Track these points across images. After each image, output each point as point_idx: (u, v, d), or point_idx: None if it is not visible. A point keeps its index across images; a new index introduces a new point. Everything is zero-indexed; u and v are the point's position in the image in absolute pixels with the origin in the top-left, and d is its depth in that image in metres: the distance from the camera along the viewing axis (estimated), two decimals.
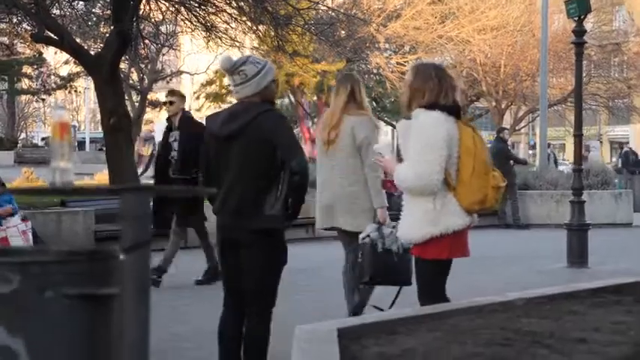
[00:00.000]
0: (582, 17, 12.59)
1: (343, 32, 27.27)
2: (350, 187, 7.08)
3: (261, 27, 18.37)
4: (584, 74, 31.67)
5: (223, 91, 36.85)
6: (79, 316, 2.04)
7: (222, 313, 5.51)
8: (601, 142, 62.37)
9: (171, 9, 18.49)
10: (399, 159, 5.38)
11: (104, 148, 19.79)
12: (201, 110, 56.45)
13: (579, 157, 13.12)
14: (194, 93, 52.14)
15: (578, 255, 12.29)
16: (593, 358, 3.40)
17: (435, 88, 5.19)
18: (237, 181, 5.20)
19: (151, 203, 5.81)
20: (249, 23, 18.25)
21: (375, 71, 34.90)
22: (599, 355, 3.45)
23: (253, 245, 5.18)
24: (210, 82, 38.79)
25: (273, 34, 18.11)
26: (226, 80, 36.67)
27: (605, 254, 13.27)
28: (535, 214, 19.16)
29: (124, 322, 2.08)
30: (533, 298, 4.57)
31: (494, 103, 41.09)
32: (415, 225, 5.15)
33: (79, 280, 2.02)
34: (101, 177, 23.01)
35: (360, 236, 6.86)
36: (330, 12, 24.61)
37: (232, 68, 5.25)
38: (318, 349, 3.39)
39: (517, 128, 46.30)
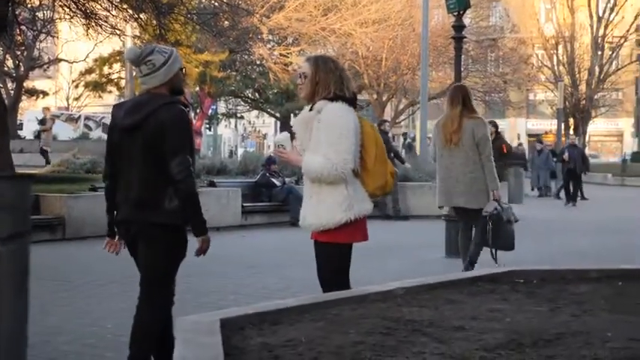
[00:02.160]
0: (461, 12, 12.89)
1: (226, 22, 27.16)
2: (471, 174, 9.15)
3: (142, 15, 18.12)
4: (462, 68, 32.42)
5: (103, 79, 36.19)
6: None
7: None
8: None
9: None
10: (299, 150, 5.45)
11: None
12: (80, 99, 55.55)
13: None
14: (73, 81, 51.11)
15: (456, 246, 12.52)
16: (471, 345, 3.48)
17: (337, 81, 5.34)
18: (138, 173, 5.18)
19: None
20: (130, 11, 17.98)
21: (258, 62, 34.90)
22: (476, 342, 3.53)
23: (152, 238, 5.21)
24: (89, 71, 38.06)
25: (155, 22, 17.89)
26: (106, 69, 36.19)
27: None
28: (415, 205, 19.50)
29: (1, 313, 2.03)
30: (412, 288, 4.65)
31: (375, 96, 41.65)
32: (329, 212, 5.30)
33: None
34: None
35: (486, 210, 9.21)
36: (213, 2, 24.49)
37: (138, 59, 5.22)
38: (201, 340, 3.38)
39: (398, 121, 47.03)
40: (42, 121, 30.70)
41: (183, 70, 5.45)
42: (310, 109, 5.41)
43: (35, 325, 7.33)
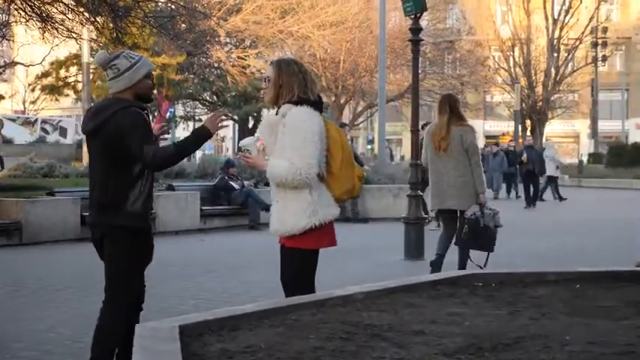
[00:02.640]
0: (418, 15, 12.92)
1: (184, 25, 26.98)
2: (461, 178, 9.59)
3: (99, 18, 17.94)
4: (420, 71, 32.44)
5: (60, 83, 35.82)
6: None
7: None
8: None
9: None
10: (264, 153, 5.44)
11: None
12: (36, 102, 54.97)
13: (416, 152, 13.45)
14: (29, 85, 50.55)
15: (415, 248, 12.60)
16: (430, 350, 3.49)
17: (301, 84, 5.32)
18: (99, 176, 5.28)
19: None
20: (86, 14, 17.78)
21: (215, 65, 34.75)
22: (435, 347, 3.54)
23: (114, 240, 5.27)
24: (46, 74, 37.63)
25: (111, 25, 17.72)
26: (62, 72, 35.82)
27: None
28: (374, 208, 19.55)
29: None
30: (372, 292, 4.65)
31: (333, 98, 41.69)
32: (294, 217, 5.26)
33: None
34: None
35: (467, 213, 9.55)
36: (170, 5, 24.32)
37: (105, 63, 5.30)
38: (160, 347, 3.35)
39: (356, 123, 47.12)
40: None
41: (151, 77, 5.45)
42: (276, 114, 5.40)
43: None
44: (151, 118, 36.58)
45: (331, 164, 5.34)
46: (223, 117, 5.44)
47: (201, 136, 5.33)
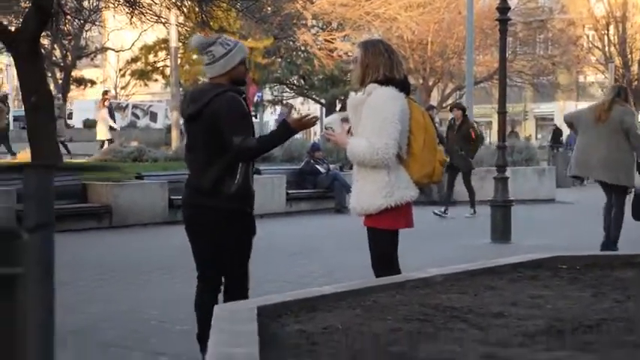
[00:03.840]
0: None
1: (269, 9, 27.15)
2: (619, 154, 10.14)
3: (186, 2, 18.17)
4: (509, 51, 31.91)
5: (149, 68, 36.38)
6: None
7: (197, 287, 5.65)
8: (526, 118, 63.34)
9: None
10: (350, 133, 5.46)
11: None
12: (127, 87, 55.98)
13: (503, 134, 13.28)
14: (120, 70, 51.48)
15: (501, 231, 12.46)
16: (510, 332, 3.43)
17: (387, 64, 5.33)
18: (199, 159, 5.37)
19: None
20: None
21: (302, 48, 34.84)
22: (515, 329, 3.47)
23: (213, 222, 5.34)
24: (135, 60, 38.29)
25: (197, 10, 17.93)
26: (151, 57, 36.37)
27: (527, 230, 13.47)
28: (461, 190, 19.34)
29: (28, 304, 2.03)
30: (452, 274, 4.60)
31: (421, 81, 41.39)
32: (370, 197, 5.30)
33: None
34: (24, 156, 22.59)
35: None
36: None
37: (201, 48, 5.41)
38: (238, 328, 3.36)
39: (444, 105, 46.72)
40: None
41: (245, 63, 5.53)
42: (363, 94, 5.42)
43: (81, 311, 7.44)
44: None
45: (413, 146, 5.34)
46: (313, 122, 5.44)
47: (285, 133, 5.39)
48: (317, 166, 18.42)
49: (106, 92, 30.39)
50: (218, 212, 5.31)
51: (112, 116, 28.82)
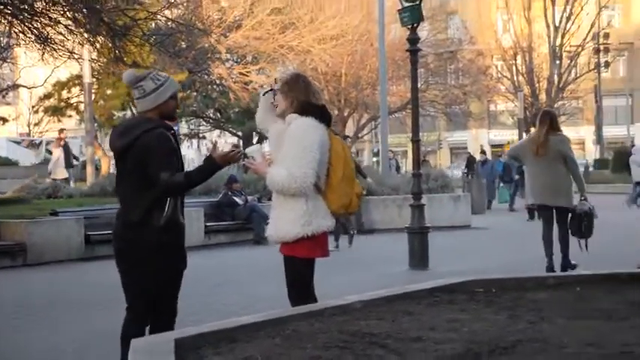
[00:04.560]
0: (415, 25, 12.93)
1: (183, 43, 27.02)
2: (558, 180, 10.92)
3: (98, 38, 17.98)
4: (421, 81, 32.44)
5: (62, 104, 35.88)
6: None
7: (124, 319, 5.59)
8: (441, 147, 64.27)
9: (3, 21, 17.88)
10: (271, 163, 5.51)
11: None
12: (40, 124, 55.13)
13: (418, 162, 13.45)
14: (33, 107, 50.66)
15: (419, 257, 12.58)
16: (428, 356, 3.47)
17: (302, 92, 5.46)
18: (128, 192, 5.41)
19: None
20: (85, 35, 17.82)
21: (217, 82, 34.79)
22: (433, 353, 3.52)
23: (142, 255, 5.35)
24: (48, 96, 37.71)
25: (111, 45, 17.76)
26: (65, 93, 35.93)
27: (444, 256, 13.62)
28: (379, 219, 19.53)
29: None
30: (370, 300, 4.64)
31: (336, 112, 41.65)
32: (287, 225, 5.37)
33: None
34: None
35: (581, 208, 11.01)
36: (169, 23, 24.35)
37: (132, 83, 5.46)
38: None
39: (360, 136, 47.11)
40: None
41: (176, 98, 5.57)
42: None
43: None
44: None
45: (331, 177, 5.41)
46: (237, 157, 5.47)
47: (211, 168, 5.41)
48: (235, 197, 18.37)
49: (61, 131, 30.19)
50: (147, 245, 5.33)
51: (68, 154, 28.70)
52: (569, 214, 11.13)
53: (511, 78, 52.42)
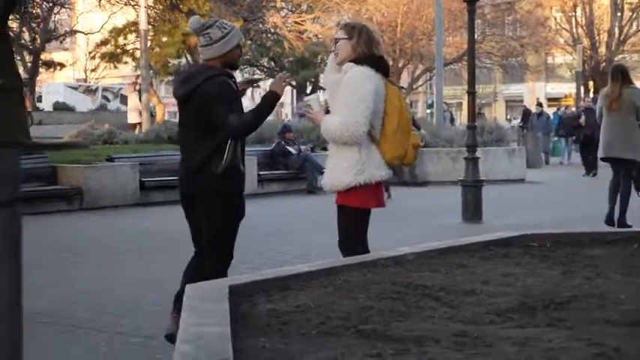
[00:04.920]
0: None
1: None
2: (629, 132, 11.06)
3: None
4: (478, 33, 32.01)
5: (119, 50, 36.05)
6: None
7: (190, 259, 5.84)
8: (496, 100, 63.60)
9: None
10: (328, 112, 5.53)
11: None
12: (97, 70, 55.56)
13: (473, 114, 13.32)
14: (89, 53, 50.98)
15: (472, 211, 12.51)
16: (481, 310, 3.44)
17: (366, 43, 5.40)
18: (189, 139, 5.53)
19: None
20: None
21: (272, 30, 34.70)
22: (487, 307, 3.49)
23: (204, 200, 5.51)
24: (105, 42, 37.89)
25: None
26: (121, 39, 36.14)
27: (498, 210, 13.54)
28: (432, 171, 19.44)
29: None
30: (424, 253, 4.61)
31: (391, 62, 41.35)
32: (340, 174, 5.36)
33: None
34: None
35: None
36: None
37: (199, 30, 5.52)
38: (209, 307, 3.35)
39: (414, 87, 46.79)
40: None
41: (240, 48, 5.66)
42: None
43: (52, 293, 7.40)
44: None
45: (386, 128, 5.38)
46: (286, 79, 5.66)
47: (271, 99, 5.53)
48: (288, 147, 18.40)
49: (137, 76, 30.40)
50: (206, 191, 5.47)
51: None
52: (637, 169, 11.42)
53: (570, 30, 51.50)
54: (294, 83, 42.92)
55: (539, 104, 32.22)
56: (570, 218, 12.54)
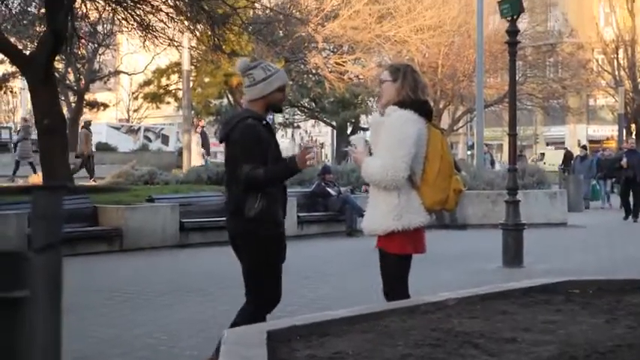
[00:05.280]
0: (515, 17, 12.72)
1: (281, 32, 27.24)
2: None
3: (198, 26, 18.26)
4: (519, 74, 31.89)
5: (161, 91, 36.49)
6: None
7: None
8: (537, 142, 63.27)
9: (107, 8, 18.28)
10: (370, 153, 5.52)
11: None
12: (139, 110, 56.17)
13: (514, 156, 13.25)
14: (132, 93, 51.63)
15: (513, 255, 12.39)
16: (522, 358, 3.40)
17: (407, 87, 5.39)
18: (227, 181, 5.67)
19: None
20: (186, 22, 18.14)
21: (313, 71, 34.89)
22: (527, 355, 3.45)
23: (238, 242, 5.56)
24: (148, 83, 38.40)
25: (210, 33, 18.01)
26: (164, 80, 36.53)
27: (539, 254, 13.41)
28: (472, 214, 19.31)
29: (35, 326, 2.02)
30: (464, 298, 4.57)
31: (432, 104, 41.27)
32: (379, 218, 5.34)
33: None
34: (36, 179, 22.65)
35: None
36: (267, 11, 24.56)
37: (243, 71, 5.64)
38: (247, 352, 3.34)
39: (455, 128, 46.72)
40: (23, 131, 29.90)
41: (283, 90, 5.70)
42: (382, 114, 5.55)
43: (89, 336, 7.41)
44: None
45: (427, 172, 5.34)
46: (313, 154, 5.63)
47: (290, 171, 5.58)
48: (328, 188, 18.40)
49: (200, 118, 30.85)
50: (239, 233, 5.53)
51: (206, 141, 29.19)
52: None
53: (612, 72, 51.27)
54: (334, 124, 43.04)
55: (584, 147, 31.84)
56: (613, 264, 12.38)
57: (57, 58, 19.97)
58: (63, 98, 39.48)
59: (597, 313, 4.36)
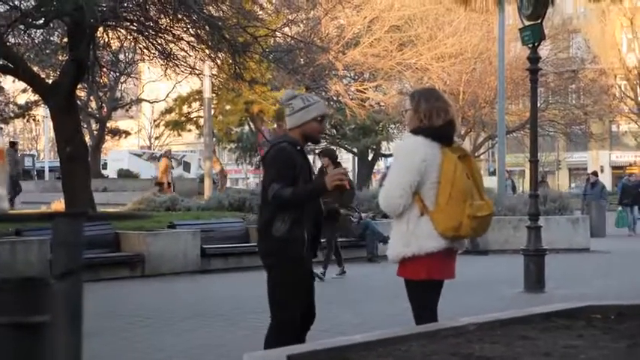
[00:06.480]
0: (536, 44, 12.72)
1: (302, 60, 27.33)
2: None
3: (219, 54, 18.37)
4: (541, 101, 31.87)
5: (183, 118, 36.67)
6: (9, 345, 2.00)
7: None
8: (559, 168, 63.05)
9: (129, 37, 18.44)
10: None
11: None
12: (161, 137, 56.45)
13: (535, 182, 13.23)
14: (154, 121, 51.98)
15: (534, 280, 12.33)
16: None
17: (420, 113, 5.36)
18: (260, 204, 5.81)
19: None
20: (207, 51, 18.26)
21: (334, 98, 34.98)
22: None
23: (266, 262, 5.62)
24: (169, 110, 38.61)
25: (231, 61, 18.12)
26: (185, 108, 36.70)
27: (561, 279, 13.33)
28: (493, 239, 19.23)
29: (55, 350, 2.04)
30: (485, 323, 4.56)
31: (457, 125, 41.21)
32: (392, 245, 5.39)
33: (9, 308, 1.98)
34: (59, 205, 22.79)
35: None
36: (288, 40, 24.67)
37: (284, 100, 5.78)
38: None
39: (477, 154, 46.60)
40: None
41: (321, 120, 5.73)
42: None
43: None
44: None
45: (439, 198, 5.22)
46: (343, 176, 5.56)
47: (318, 189, 5.64)
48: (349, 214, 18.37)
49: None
50: (264, 253, 5.61)
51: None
52: None
53: (635, 98, 51.11)
54: (355, 150, 43.05)
55: (594, 173, 31.75)
56: (635, 289, 12.29)
57: (79, 86, 20.17)
58: (85, 126, 39.80)
59: (619, 338, 4.34)
